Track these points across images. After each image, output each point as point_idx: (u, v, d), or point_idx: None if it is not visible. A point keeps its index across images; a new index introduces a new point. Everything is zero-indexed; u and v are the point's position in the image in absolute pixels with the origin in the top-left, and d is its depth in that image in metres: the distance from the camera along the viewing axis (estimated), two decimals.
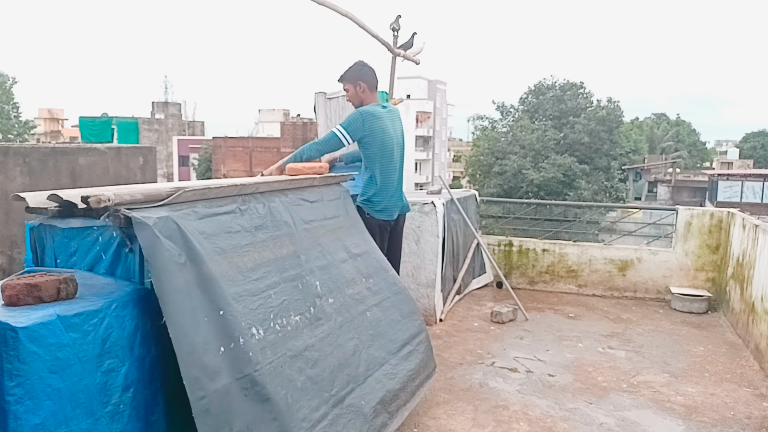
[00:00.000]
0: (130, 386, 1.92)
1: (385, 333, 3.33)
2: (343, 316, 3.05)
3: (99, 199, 1.92)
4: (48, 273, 1.90)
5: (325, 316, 2.90)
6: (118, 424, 1.88)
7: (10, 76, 46.34)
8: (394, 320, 3.47)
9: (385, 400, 3.06)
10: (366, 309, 3.28)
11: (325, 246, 3.19)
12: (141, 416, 1.97)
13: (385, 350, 3.25)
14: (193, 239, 2.13)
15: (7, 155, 4.26)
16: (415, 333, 3.60)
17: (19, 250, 4.40)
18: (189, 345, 1.98)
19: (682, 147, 56.79)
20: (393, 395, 3.13)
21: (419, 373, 3.49)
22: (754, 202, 30.28)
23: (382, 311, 3.40)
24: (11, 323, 1.60)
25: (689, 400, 3.95)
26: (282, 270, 2.70)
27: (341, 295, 3.12)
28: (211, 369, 2.06)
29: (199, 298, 2.10)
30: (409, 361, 3.42)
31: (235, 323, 2.22)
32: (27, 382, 1.61)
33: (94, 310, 1.81)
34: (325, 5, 4.27)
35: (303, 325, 2.69)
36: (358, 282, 3.35)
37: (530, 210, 9.60)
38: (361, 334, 3.12)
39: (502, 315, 5.56)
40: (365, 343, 3.11)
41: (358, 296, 3.26)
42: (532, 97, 33.60)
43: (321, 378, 2.66)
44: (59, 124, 59.06)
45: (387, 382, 3.12)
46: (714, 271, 6.43)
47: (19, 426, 1.60)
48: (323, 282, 3.00)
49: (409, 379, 3.35)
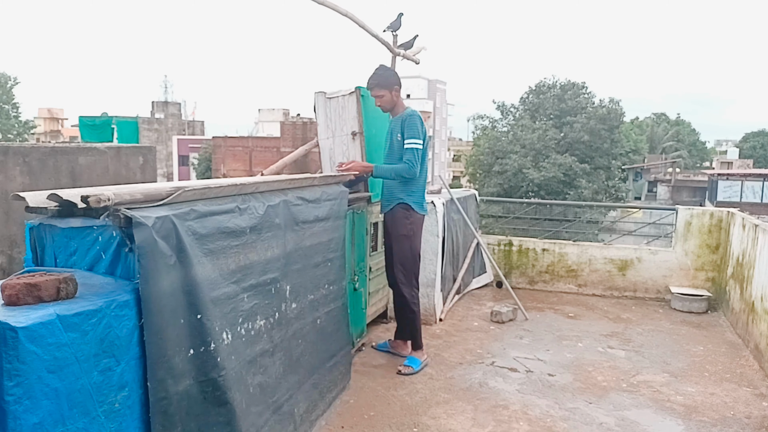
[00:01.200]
0: (125, 385, 1.92)
1: (324, 342, 3.38)
2: (300, 323, 3.07)
3: (99, 198, 1.91)
4: (48, 272, 1.90)
5: (285, 321, 2.90)
6: (114, 423, 1.88)
7: (11, 76, 46.32)
8: (333, 330, 3.52)
9: (310, 408, 3.15)
10: (318, 316, 3.31)
11: (307, 249, 3.16)
12: (136, 415, 1.97)
13: (319, 359, 3.30)
14: (186, 240, 2.12)
15: (6, 155, 4.25)
16: (342, 345, 3.68)
17: (19, 250, 4.40)
18: (161, 347, 1.99)
19: (682, 147, 56.79)
20: (315, 404, 3.22)
21: (337, 384, 3.59)
22: (754, 201, 30.27)
23: (328, 320, 3.44)
24: (11, 323, 1.60)
25: (689, 399, 3.95)
26: (262, 273, 2.67)
27: (304, 301, 3.12)
28: (178, 371, 2.07)
29: (180, 301, 2.09)
30: (333, 372, 3.51)
31: (210, 327, 2.22)
32: (26, 381, 1.61)
33: (94, 309, 1.80)
34: (325, 5, 4.27)
35: (265, 330, 2.69)
36: (321, 288, 3.36)
37: (530, 209, 9.60)
38: (307, 341, 3.15)
39: (501, 315, 5.56)
40: (308, 351, 3.16)
41: (315, 303, 3.27)
42: (533, 96, 33.58)
43: (268, 384, 2.69)
44: (59, 123, 59.05)
45: (313, 391, 3.20)
46: (714, 271, 6.43)
47: (18, 426, 1.60)
48: (293, 286, 2.99)
49: (329, 390, 3.45)
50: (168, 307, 2.03)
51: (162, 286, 2.00)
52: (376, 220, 4.91)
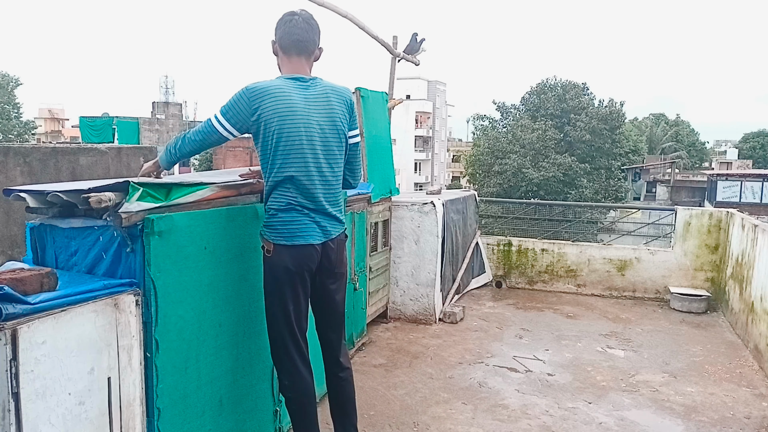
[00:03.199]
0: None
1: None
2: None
3: (99, 199, 1.93)
4: (30, 268, 1.91)
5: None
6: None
7: (13, 77, 46.23)
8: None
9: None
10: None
11: None
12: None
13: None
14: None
15: (7, 155, 4.26)
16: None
17: (20, 250, 4.40)
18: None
19: (681, 147, 56.76)
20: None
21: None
22: (753, 202, 30.24)
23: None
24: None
25: (688, 399, 3.96)
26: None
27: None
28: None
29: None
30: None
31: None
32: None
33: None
34: (324, 6, 4.27)
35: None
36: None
37: (530, 210, 9.61)
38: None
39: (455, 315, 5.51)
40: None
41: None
42: (534, 96, 33.64)
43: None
44: (60, 124, 59.05)
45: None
46: (713, 271, 6.44)
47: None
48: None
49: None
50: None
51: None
52: (376, 220, 4.93)
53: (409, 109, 50.84)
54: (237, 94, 2.36)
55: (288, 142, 2.36)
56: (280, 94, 2.36)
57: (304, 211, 2.42)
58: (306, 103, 2.41)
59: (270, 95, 2.34)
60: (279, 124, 2.34)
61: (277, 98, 2.35)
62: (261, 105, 2.33)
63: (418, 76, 50.37)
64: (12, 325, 1.56)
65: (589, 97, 32.82)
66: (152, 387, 2.05)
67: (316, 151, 2.42)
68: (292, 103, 2.37)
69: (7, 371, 1.54)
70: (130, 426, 1.96)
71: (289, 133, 2.36)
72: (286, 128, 2.35)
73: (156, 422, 2.07)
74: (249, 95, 2.34)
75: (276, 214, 2.40)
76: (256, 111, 2.33)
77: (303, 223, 2.42)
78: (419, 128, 54.64)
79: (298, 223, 2.41)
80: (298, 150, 2.37)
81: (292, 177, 2.38)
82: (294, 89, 2.40)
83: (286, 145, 2.36)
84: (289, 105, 2.36)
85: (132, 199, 1.98)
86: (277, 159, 2.36)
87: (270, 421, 2.85)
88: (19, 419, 1.57)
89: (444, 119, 60.30)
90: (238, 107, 2.34)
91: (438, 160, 57.74)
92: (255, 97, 2.33)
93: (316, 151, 2.42)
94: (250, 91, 2.34)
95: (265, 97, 2.34)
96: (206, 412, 2.35)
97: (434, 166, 56.38)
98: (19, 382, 1.57)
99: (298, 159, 2.38)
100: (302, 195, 2.41)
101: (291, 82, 2.42)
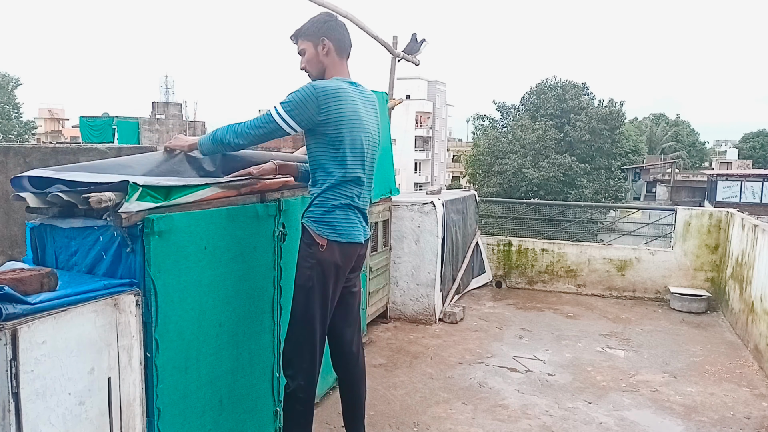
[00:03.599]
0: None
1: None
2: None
3: (100, 199, 1.93)
4: (30, 268, 1.91)
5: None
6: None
7: (14, 78, 46.21)
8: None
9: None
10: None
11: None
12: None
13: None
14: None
15: (7, 155, 4.26)
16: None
17: (20, 250, 4.40)
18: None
19: (681, 147, 56.77)
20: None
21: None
22: (753, 202, 30.23)
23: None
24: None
25: (688, 399, 3.96)
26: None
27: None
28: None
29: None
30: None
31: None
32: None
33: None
34: (324, 6, 4.27)
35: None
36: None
37: (530, 210, 9.61)
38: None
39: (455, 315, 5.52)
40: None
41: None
42: (534, 96, 33.65)
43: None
44: (60, 124, 59.03)
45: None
46: (713, 271, 6.44)
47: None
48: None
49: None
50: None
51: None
52: (376, 220, 4.93)
53: (409, 109, 50.85)
54: (303, 92, 2.39)
55: (355, 145, 2.49)
56: (346, 98, 2.46)
57: (355, 211, 2.56)
58: (365, 108, 2.56)
59: (339, 98, 2.43)
60: (349, 126, 2.45)
61: (345, 101, 2.45)
62: (330, 106, 2.40)
63: (418, 76, 50.37)
64: (12, 325, 1.56)
65: (589, 97, 32.85)
66: (152, 387, 2.05)
67: (370, 155, 2.59)
68: (356, 107, 2.49)
69: (7, 371, 1.54)
70: (130, 426, 1.96)
71: (356, 136, 2.48)
72: (355, 132, 2.48)
73: (156, 422, 2.07)
74: (318, 94, 2.39)
75: (333, 211, 2.48)
76: (324, 111, 2.39)
77: (354, 222, 2.55)
78: (419, 128, 54.64)
79: (352, 221, 2.54)
80: (360, 153, 2.51)
81: (359, 178, 2.52)
82: (355, 94, 2.53)
83: (353, 147, 2.48)
84: (355, 110, 2.48)
85: (132, 199, 1.98)
86: (347, 159, 2.47)
87: (270, 421, 2.85)
88: (19, 419, 1.57)
89: (444, 119, 60.30)
90: (305, 105, 2.38)
91: (438, 160, 57.74)
92: (325, 97, 2.40)
93: (370, 155, 2.59)
94: (319, 90, 2.40)
95: (335, 98, 2.42)
96: (206, 412, 2.35)
97: (434, 166, 56.38)
98: (19, 382, 1.57)
99: (360, 162, 2.53)
100: (358, 196, 2.55)
101: (349, 86, 2.53)
